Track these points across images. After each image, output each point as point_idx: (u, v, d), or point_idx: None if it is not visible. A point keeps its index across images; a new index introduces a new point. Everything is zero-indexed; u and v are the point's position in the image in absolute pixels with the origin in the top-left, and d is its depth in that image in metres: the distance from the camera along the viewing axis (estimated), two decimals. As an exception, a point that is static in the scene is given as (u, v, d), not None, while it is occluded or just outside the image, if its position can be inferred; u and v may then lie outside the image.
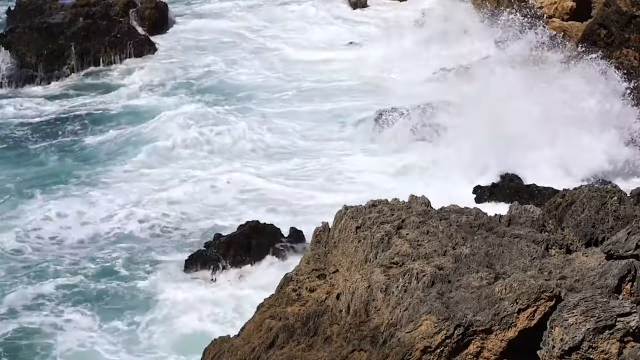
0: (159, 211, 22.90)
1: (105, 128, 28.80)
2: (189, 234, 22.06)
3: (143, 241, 21.76)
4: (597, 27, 26.22)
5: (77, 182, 24.78)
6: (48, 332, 18.02)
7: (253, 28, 38.27)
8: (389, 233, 12.01)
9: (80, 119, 29.66)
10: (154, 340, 17.79)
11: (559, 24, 30.73)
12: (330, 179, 24.57)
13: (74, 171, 25.49)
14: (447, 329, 10.03)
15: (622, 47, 25.49)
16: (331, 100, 30.28)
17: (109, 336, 17.93)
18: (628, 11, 25.42)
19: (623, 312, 9.55)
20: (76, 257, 20.87)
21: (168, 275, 19.93)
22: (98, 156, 26.72)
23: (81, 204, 23.31)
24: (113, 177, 24.98)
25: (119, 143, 27.48)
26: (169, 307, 18.68)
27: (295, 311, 12.11)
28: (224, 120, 28.26)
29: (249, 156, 26.32)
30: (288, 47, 35.86)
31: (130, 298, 19.29)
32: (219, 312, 18.50)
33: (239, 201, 23.50)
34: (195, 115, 28.57)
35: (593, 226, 12.08)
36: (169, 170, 25.44)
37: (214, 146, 26.80)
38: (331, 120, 28.69)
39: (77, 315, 18.57)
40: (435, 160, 24.10)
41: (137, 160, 26.00)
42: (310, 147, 26.76)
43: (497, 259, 11.25)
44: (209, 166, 25.53)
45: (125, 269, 20.36)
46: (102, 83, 32.95)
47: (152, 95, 31.28)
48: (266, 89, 31.59)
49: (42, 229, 22.10)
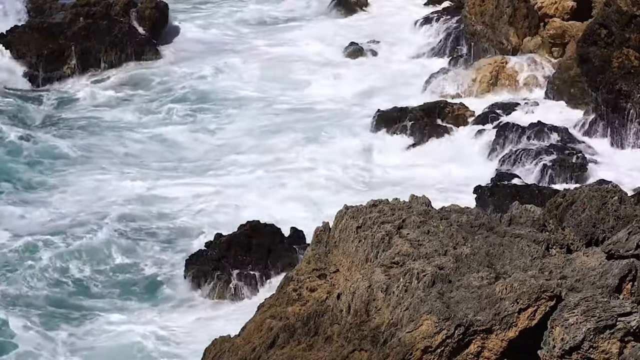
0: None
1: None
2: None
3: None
4: (598, 26, 26.15)
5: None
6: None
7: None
8: (389, 233, 12.00)
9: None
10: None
11: (560, 23, 30.70)
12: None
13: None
14: (448, 329, 10.03)
15: (622, 47, 25.43)
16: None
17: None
18: (629, 11, 25.36)
19: (624, 311, 9.55)
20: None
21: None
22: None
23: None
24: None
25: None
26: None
27: (295, 311, 12.11)
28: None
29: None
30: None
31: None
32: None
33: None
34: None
35: (594, 226, 12.07)
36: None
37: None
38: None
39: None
40: None
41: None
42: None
43: (497, 258, 11.25)
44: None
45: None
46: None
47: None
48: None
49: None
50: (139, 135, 28.80)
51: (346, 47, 35.59)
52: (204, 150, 27.76)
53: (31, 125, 29.40)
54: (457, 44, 34.39)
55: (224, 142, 28.14)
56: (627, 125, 25.49)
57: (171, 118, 30.05)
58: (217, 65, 34.05)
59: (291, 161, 26.21)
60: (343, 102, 30.82)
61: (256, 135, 28.29)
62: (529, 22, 31.71)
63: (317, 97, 31.33)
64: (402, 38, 36.50)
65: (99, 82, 33.24)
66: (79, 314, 19.50)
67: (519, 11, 31.86)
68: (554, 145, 25.14)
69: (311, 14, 40.37)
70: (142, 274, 21.04)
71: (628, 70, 25.33)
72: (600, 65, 25.73)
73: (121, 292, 20.40)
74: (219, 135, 28.67)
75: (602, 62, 25.74)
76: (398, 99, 29.94)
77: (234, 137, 28.36)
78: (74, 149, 27.45)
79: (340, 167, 25.78)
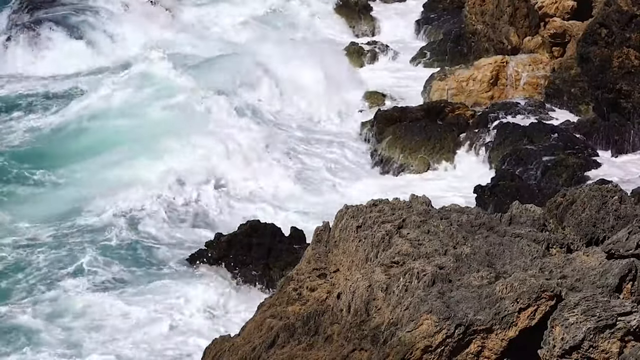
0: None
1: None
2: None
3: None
4: (598, 26, 26.14)
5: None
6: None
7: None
8: (389, 232, 12.00)
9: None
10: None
11: (560, 23, 30.72)
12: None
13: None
14: (448, 328, 10.03)
15: (622, 46, 25.44)
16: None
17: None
18: (629, 10, 25.35)
19: (624, 311, 9.55)
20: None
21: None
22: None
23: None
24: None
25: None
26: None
27: (296, 310, 12.11)
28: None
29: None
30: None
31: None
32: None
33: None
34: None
35: (594, 225, 12.07)
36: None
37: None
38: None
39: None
40: None
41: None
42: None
43: (497, 258, 11.25)
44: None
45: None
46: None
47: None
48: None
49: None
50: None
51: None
52: None
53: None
54: (457, 44, 34.41)
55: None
56: (627, 124, 25.49)
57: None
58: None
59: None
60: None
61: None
62: (529, 22, 31.74)
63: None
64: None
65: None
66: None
67: (519, 11, 31.90)
68: (554, 145, 25.12)
69: None
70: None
71: (628, 70, 25.33)
72: (601, 64, 25.73)
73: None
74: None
75: (603, 61, 25.74)
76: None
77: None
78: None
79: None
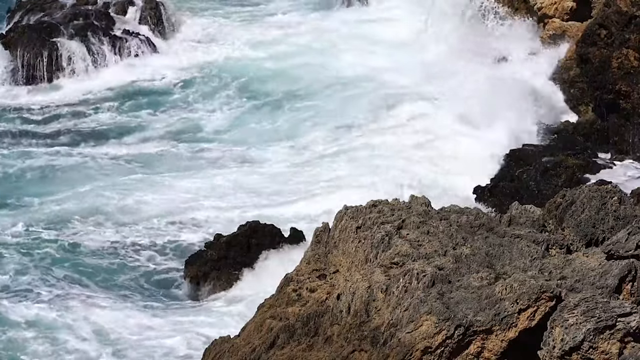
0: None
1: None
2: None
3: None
4: (597, 27, 26.17)
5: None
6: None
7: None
8: (389, 233, 12.00)
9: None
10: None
11: (559, 24, 30.69)
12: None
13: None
14: (448, 329, 10.03)
15: (622, 47, 25.46)
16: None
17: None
18: (628, 11, 25.39)
19: (623, 312, 9.56)
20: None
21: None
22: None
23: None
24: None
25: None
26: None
27: (295, 311, 12.11)
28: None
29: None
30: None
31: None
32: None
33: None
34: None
35: (593, 226, 12.08)
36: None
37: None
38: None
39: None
40: None
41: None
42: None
43: (497, 259, 11.25)
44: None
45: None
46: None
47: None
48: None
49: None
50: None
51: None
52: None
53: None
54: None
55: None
56: (626, 125, 25.49)
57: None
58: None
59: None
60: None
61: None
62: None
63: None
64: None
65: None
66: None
67: (519, 11, 31.84)
68: (553, 146, 25.11)
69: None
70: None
71: (627, 71, 25.36)
72: (600, 65, 25.75)
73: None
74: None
75: (602, 62, 25.77)
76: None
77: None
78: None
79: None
